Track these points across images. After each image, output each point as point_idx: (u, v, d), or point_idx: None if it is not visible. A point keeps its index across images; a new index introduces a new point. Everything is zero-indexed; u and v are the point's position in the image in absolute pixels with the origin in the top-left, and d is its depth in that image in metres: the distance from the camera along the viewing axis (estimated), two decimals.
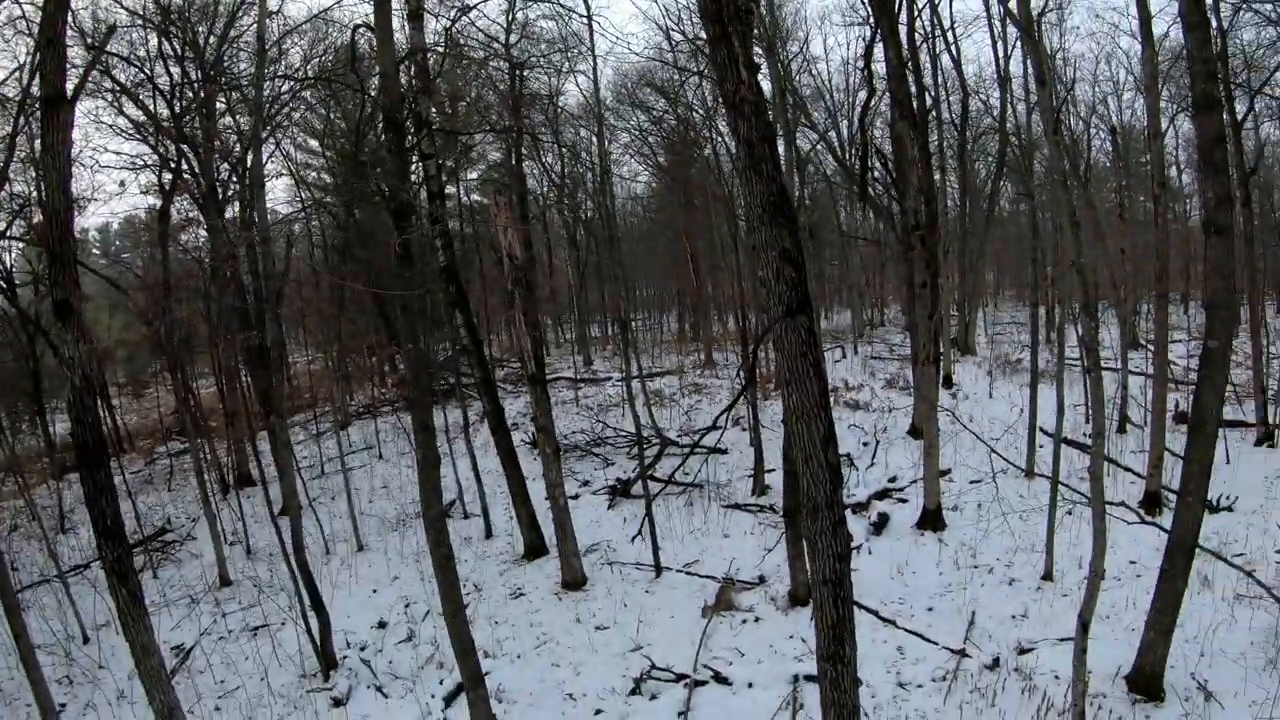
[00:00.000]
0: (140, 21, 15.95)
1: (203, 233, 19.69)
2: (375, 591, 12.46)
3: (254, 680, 9.96)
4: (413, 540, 13.89)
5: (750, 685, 8.70)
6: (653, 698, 8.78)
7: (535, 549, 13.09)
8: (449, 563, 6.99)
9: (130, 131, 18.39)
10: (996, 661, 8.72)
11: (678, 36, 23.54)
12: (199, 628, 11.67)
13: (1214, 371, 7.11)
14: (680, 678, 8.98)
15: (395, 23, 11.29)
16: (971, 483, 14.56)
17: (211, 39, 17.11)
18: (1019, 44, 17.79)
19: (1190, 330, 26.00)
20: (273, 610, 11.82)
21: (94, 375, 11.68)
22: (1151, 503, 12.48)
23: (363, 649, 10.55)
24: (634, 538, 12.90)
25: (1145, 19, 12.57)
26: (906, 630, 9.61)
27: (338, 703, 9.24)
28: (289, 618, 11.00)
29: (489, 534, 14.35)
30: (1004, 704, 8.02)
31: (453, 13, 15.60)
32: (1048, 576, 10.63)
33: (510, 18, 23.58)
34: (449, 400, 20.53)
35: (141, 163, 18.96)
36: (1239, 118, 16.44)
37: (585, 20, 17.21)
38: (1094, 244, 19.35)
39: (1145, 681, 7.85)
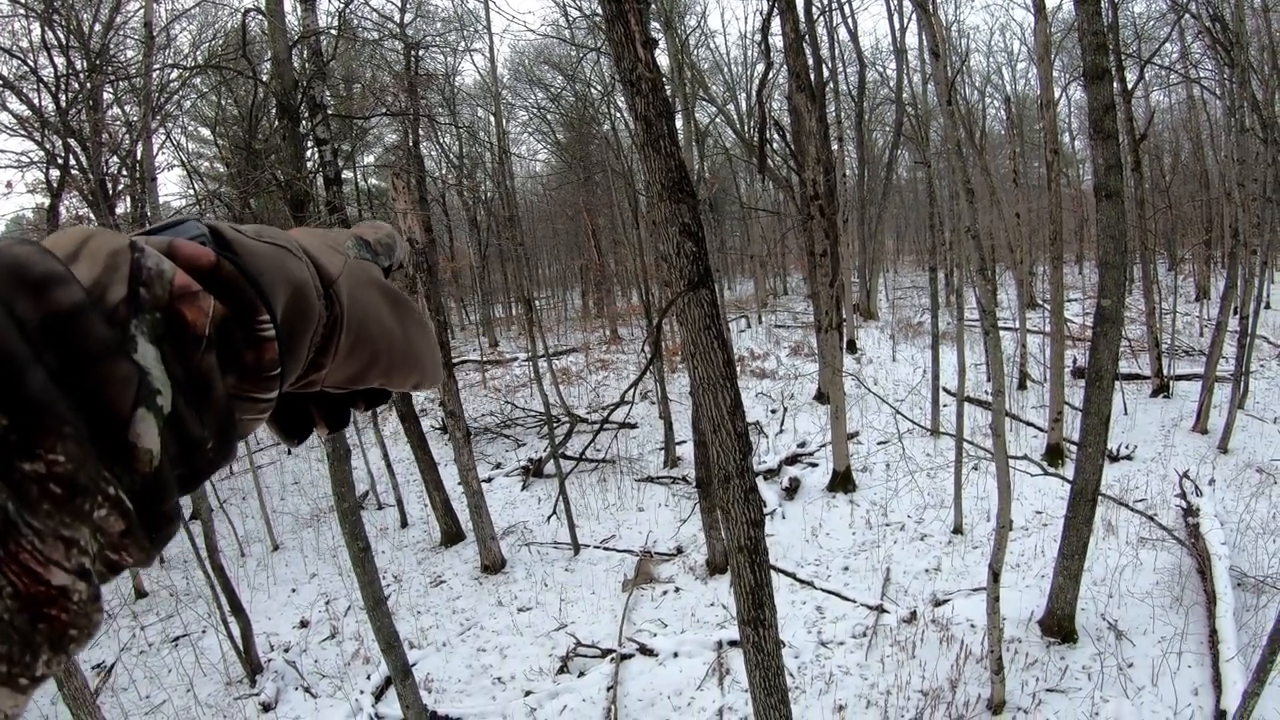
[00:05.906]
0: (22, 10, 15.19)
1: None
2: (295, 590, 12.20)
3: (180, 692, 9.64)
4: (328, 535, 13.63)
5: (675, 654, 8.79)
6: (580, 674, 8.81)
7: (452, 535, 12.95)
8: (366, 555, 6.89)
9: (15, 127, 17.54)
10: (914, 615, 8.96)
11: (575, 13, 23.38)
12: (119, 643, 11.22)
13: (1108, 328, 7.38)
14: (606, 653, 9.01)
15: (287, 4, 10.93)
16: (879, 444, 14.89)
17: (97, 26, 16.39)
18: (914, 17, 18.12)
19: (1085, 290, 26.96)
20: (192, 619, 11.44)
21: None
22: (1054, 455, 12.94)
23: (287, 650, 10.29)
24: (549, 517, 12.86)
25: None
26: (825, 590, 9.81)
27: (267, 707, 9.01)
28: (209, 625, 10.70)
29: (405, 523, 14.14)
30: (924, 655, 8.27)
31: None
32: (958, 530, 10.97)
33: None
34: None
35: (28, 160, 18.10)
36: (1129, 86, 16.92)
37: None
38: (990, 209, 19.86)
39: (1058, 624, 8.18)
